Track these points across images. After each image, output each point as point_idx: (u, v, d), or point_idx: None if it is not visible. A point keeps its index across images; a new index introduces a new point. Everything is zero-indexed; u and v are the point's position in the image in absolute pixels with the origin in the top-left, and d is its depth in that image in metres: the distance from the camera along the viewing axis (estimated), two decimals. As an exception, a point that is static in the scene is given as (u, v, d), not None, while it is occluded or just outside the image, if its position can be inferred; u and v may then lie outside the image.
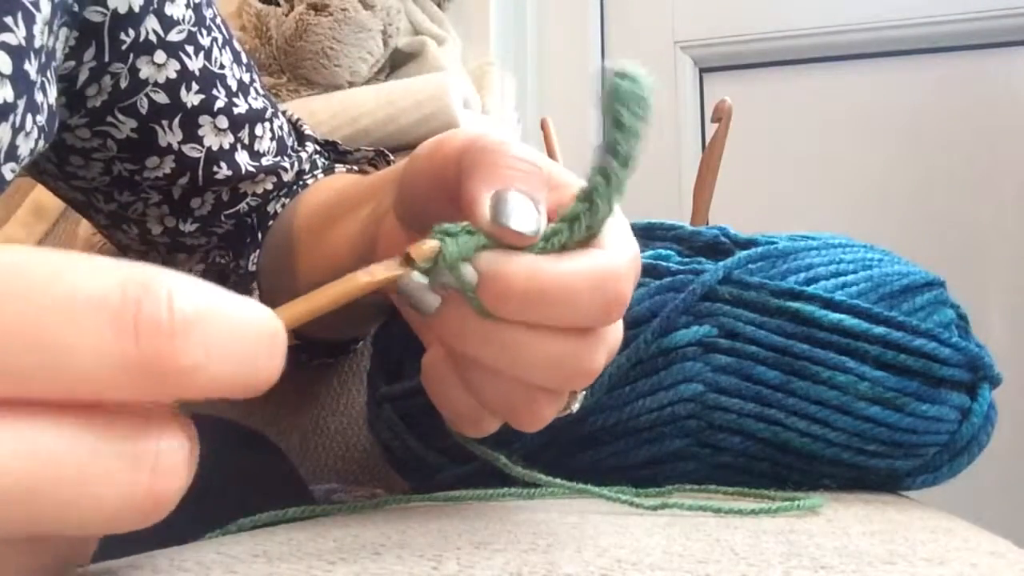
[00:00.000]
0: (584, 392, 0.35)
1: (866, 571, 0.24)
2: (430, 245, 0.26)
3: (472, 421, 0.31)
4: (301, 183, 0.54)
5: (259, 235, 0.53)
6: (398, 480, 0.58)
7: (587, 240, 0.28)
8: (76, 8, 0.41)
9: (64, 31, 0.41)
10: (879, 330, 0.46)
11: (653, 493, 0.42)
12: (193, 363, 0.17)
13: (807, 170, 1.29)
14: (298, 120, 0.58)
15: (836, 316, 0.46)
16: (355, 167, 0.59)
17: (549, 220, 0.28)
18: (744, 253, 0.48)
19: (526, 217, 0.27)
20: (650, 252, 0.49)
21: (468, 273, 0.26)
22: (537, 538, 0.28)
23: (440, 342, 0.30)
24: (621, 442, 0.47)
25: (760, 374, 0.46)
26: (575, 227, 0.27)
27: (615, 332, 0.30)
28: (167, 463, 0.18)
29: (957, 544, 0.30)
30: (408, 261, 0.26)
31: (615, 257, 0.28)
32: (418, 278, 0.26)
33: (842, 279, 0.48)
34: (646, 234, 0.52)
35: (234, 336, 0.18)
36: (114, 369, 0.17)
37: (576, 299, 0.27)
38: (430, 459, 0.50)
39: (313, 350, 0.62)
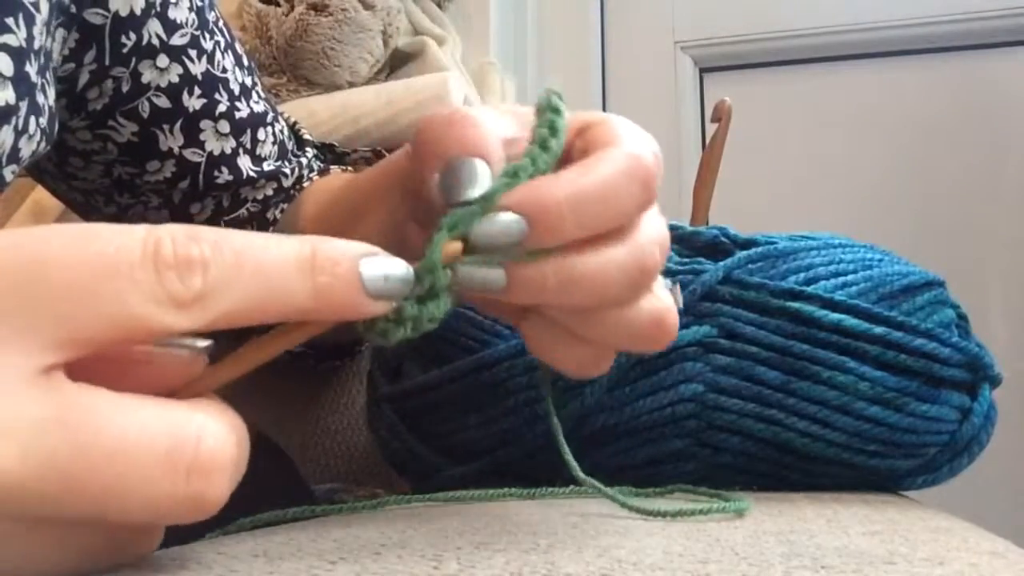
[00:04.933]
0: (678, 282, 0.35)
1: (866, 571, 0.24)
2: (454, 247, 0.25)
3: (593, 364, 0.31)
4: (299, 188, 0.54)
5: None
6: (398, 480, 0.58)
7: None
8: (73, 9, 0.41)
9: (60, 32, 0.41)
10: (879, 330, 0.46)
11: (653, 493, 0.42)
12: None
13: (807, 170, 1.29)
14: (296, 123, 0.57)
15: (836, 316, 0.46)
16: (351, 168, 0.59)
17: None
18: (744, 253, 0.48)
19: (477, 180, 0.27)
20: (650, 252, 0.49)
21: (507, 223, 0.26)
22: (537, 538, 0.28)
23: (525, 310, 0.30)
24: (621, 442, 0.47)
25: (760, 374, 0.46)
26: (538, 163, 0.27)
27: (655, 226, 0.30)
28: (205, 467, 0.20)
29: (957, 544, 0.30)
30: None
31: (634, 146, 0.28)
32: (468, 266, 0.26)
33: (842, 279, 0.48)
34: (646, 234, 0.52)
35: (264, 272, 0.21)
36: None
37: (617, 192, 0.27)
38: (430, 459, 0.50)
39: (320, 354, 0.62)
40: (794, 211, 1.26)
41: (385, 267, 0.23)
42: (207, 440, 0.20)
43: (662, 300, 0.30)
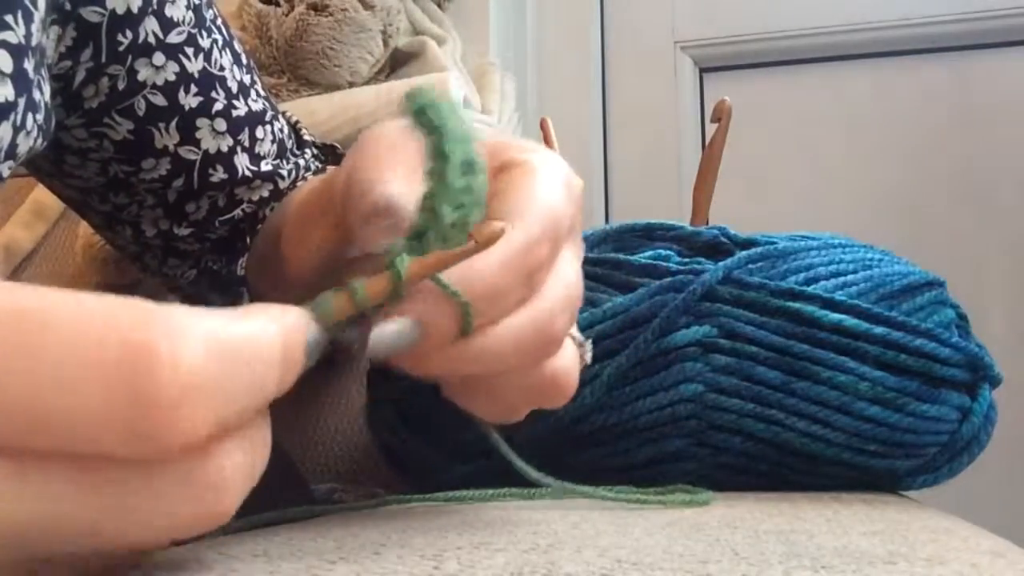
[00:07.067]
0: (591, 339, 0.35)
1: (866, 571, 0.24)
2: (380, 282, 0.25)
3: (507, 416, 0.31)
4: (292, 188, 0.54)
5: (248, 240, 0.53)
6: (398, 480, 0.58)
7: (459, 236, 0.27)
8: (68, 6, 0.41)
9: (55, 29, 0.41)
10: (879, 330, 0.46)
11: (653, 493, 0.42)
12: (201, 429, 0.17)
13: (807, 170, 1.29)
14: (297, 123, 0.57)
15: (836, 316, 0.46)
16: None
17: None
18: (744, 253, 0.48)
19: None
20: (650, 252, 0.50)
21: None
22: (537, 538, 0.28)
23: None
24: (621, 442, 0.47)
25: (760, 374, 0.46)
26: (425, 242, 0.26)
27: (562, 283, 0.29)
28: (219, 484, 0.18)
29: (957, 544, 0.30)
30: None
31: (526, 232, 0.27)
32: (382, 338, 0.25)
33: (842, 279, 0.48)
34: (646, 234, 0.52)
35: (249, 373, 0.18)
36: (117, 437, 0.17)
37: (504, 285, 0.27)
38: (430, 459, 0.50)
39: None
40: (794, 211, 1.26)
41: (311, 335, 0.22)
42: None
43: (562, 359, 0.30)
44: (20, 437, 0.16)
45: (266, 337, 0.19)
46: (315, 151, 0.58)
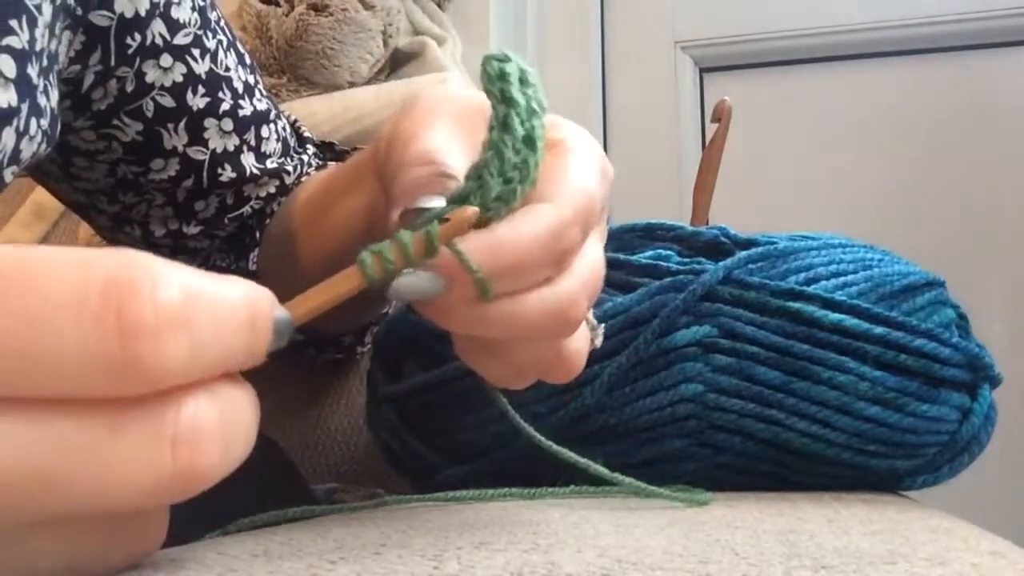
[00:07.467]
0: (603, 325, 0.36)
1: (866, 571, 0.24)
2: (418, 236, 0.25)
3: (513, 382, 0.32)
4: (298, 183, 0.55)
5: (257, 235, 0.53)
6: (398, 480, 0.58)
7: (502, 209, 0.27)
8: (79, 12, 0.41)
9: (67, 34, 0.41)
10: (879, 330, 0.46)
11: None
12: (179, 361, 0.18)
13: (807, 170, 1.29)
14: (296, 121, 0.58)
15: (836, 316, 0.46)
16: None
17: None
18: (744, 253, 0.48)
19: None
20: (650, 252, 0.50)
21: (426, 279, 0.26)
22: (538, 538, 0.28)
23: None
24: (621, 442, 0.47)
25: (760, 374, 0.46)
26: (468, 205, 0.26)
27: (586, 266, 0.29)
28: (191, 436, 0.18)
29: (957, 544, 0.30)
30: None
31: (560, 214, 0.27)
32: (407, 282, 0.26)
33: (842, 279, 0.48)
34: (646, 234, 0.52)
35: (219, 323, 0.19)
36: (99, 370, 0.17)
37: (531, 262, 0.27)
38: (430, 459, 0.50)
39: (321, 347, 0.63)
40: (794, 211, 1.26)
41: (278, 315, 0.22)
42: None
43: (575, 341, 0.30)
44: (6, 378, 0.17)
45: (234, 295, 0.20)
46: (315, 148, 0.58)
